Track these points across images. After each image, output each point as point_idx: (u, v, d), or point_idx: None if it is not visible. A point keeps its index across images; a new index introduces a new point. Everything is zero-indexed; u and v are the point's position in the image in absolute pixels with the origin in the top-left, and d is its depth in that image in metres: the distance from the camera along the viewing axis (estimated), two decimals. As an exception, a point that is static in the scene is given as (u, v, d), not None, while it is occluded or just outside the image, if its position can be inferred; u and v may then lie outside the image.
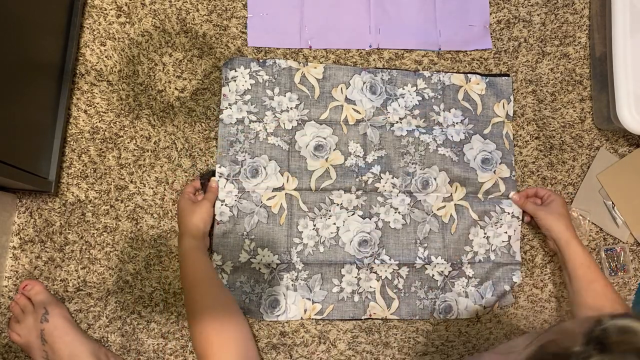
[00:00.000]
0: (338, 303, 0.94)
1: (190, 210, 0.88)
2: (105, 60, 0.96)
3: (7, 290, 0.90)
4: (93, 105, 0.95)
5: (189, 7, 0.99)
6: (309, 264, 0.94)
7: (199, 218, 0.88)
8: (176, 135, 0.96)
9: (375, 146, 0.98)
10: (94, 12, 0.97)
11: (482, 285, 0.97)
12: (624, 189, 1.03)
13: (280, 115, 0.96)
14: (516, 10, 1.07)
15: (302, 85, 0.98)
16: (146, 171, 0.95)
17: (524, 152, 1.03)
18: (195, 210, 0.88)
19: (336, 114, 0.98)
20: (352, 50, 1.02)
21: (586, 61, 1.07)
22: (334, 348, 0.95)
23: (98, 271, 0.92)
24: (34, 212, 0.92)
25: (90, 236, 0.92)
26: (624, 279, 1.02)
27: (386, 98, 1.00)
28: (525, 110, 1.05)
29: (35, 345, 0.85)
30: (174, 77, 0.97)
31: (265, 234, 0.93)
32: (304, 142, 0.96)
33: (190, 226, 0.87)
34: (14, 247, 0.91)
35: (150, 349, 0.91)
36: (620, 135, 1.06)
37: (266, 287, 0.93)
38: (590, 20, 1.08)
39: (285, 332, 0.94)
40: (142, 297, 0.92)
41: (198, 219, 0.88)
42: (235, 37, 1.00)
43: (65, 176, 0.93)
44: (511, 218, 0.99)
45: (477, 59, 1.04)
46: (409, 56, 1.03)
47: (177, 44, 0.98)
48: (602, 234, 1.03)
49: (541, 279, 1.01)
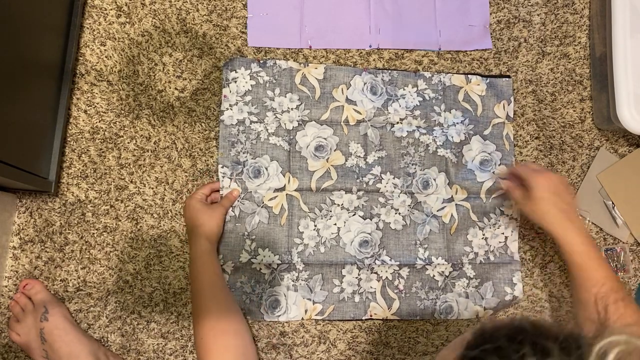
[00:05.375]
0: (339, 303, 0.94)
1: (206, 212, 0.88)
2: (105, 60, 0.96)
3: (7, 290, 0.90)
4: (93, 105, 0.95)
5: (189, 7, 0.99)
6: (310, 265, 0.94)
7: (215, 222, 0.88)
8: (176, 135, 0.96)
9: (376, 147, 0.98)
10: (94, 12, 0.97)
11: (482, 285, 0.97)
12: (624, 189, 1.03)
13: (281, 115, 0.96)
14: (516, 10, 1.07)
15: (302, 86, 0.98)
16: (146, 171, 0.95)
17: (524, 152, 1.04)
18: (212, 214, 0.88)
19: (337, 114, 0.98)
20: (352, 50, 1.02)
21: (586, 61, 1.07)
22: (334, 348, 0.95)
23: (98, 271, 0.92)
24: (34, 212, 0.92)
25: (90, 236, 0.92)
26: (624, 279, 1.02)
27: (387, 99, 1.00)
28: (525, 111, 1.05)
29: (34, 345, 0.85)
30: (174, 77, 0.97)
31: (266, 234, 0.93)
32: (305, 143, 0.96)
33: (206, 228, 0.87)
34: (14, 247, 0.91)
35: (150, 349, 0.91)
36: (620, 135, 1.06)
37: (267, 287, 0.93)
38: (590, 20, 1.08)
39: (285, 332, 0.94)
40: (142, 297, 0.92)
41: (214, 223, 0.88)
42: (235, 37, 0.99)
43: (65, 176, 0.93)
44: (509, 220, 0.99)
45: (477, 59, 1.04)
46: (409, 56, 1.03)
47: (177, 44, 0.98)
48: (602, 234, 1.03)
49: (541, 279, 1.01)
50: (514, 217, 0.99)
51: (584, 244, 0.80)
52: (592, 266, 0.79)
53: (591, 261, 0.79)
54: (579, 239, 0.80)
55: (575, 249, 0.80)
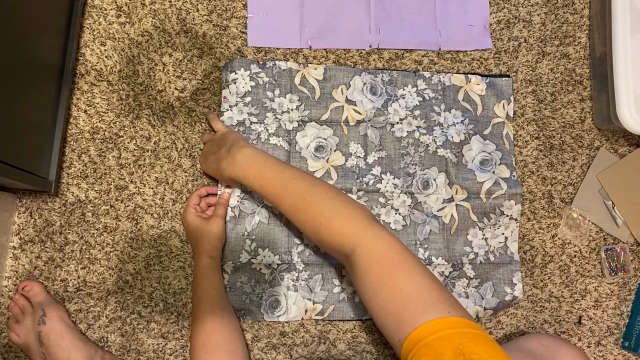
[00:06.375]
0: (339, 303, 0.94)
1: (204, 229, 0.87)
2: (105, 60, 0.96)
3: (7, 290, 0.90)
4: (93, 105, 0.95)
5: (189, 7, 0.99)
6: (310, 265, 0.94)
7: (214, 237, 0.87)
8: (176, 135, 0.96)
9: (376, 147, 0.98)
10: (94, 12, 0.97)
11: (482, 286, 0.97)
12: (624, 189, 1.03)
13: (281, 116, 0.96)
14: (516, 10, 1.07)
15: (302, 87, 0.98)
16: (146, 171, 0.95)
17: (524, 152, 1.04)
18: (210, 230, 0.87)
19: (337, 114, 0.98)
20: (352, 51, 1.02)
21: (586, 61, 1.07)
22: (334, 348, 0.95)
23: (98, 271, 0.92)
24: (34, 212, 0.92)
25: (90, 236, 0.92)
26: (624, 279, 1.02)
27: (387, 99, 1.00)
28: (525, 110, 1.05)
29: (33, 346, 0.85)
30: (174, 77, 0.97)
31: (266, 234, 0.93)
32: (305, 143, 0.96)
33: (207, 247, 0.87)
34: (14, 247, 0.91)
35: (150, 349, 0.91)
36: (620, 135, 1.06)
37: (267, 287, 0.93)
38: (590, 20, 1.08)
39: (285, 332, 0.94)
40: (142, 297, 0.92)
41: (214, 239, 0.87)
42: (235, 37, 0.99)
43: (65, 176, 0.93)
44: (509, 220, 0.99)
45: (477, 59, 1.04)
46: (409, 56, 1.03)
47: (177, 44, 0.98)
48: (602, 234, 1.03)
49: (541, 279, 1.01)
50: (514, 217, 0.99)
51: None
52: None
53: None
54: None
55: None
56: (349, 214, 0.69)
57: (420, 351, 0.52)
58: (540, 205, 1.02)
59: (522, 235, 1.01)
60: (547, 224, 1.02)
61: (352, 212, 0.70)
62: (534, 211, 1.02)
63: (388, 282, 0.61)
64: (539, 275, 1.01)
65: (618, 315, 1.02)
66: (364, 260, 0.64)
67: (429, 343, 0.52)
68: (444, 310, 0.56)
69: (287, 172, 0.76)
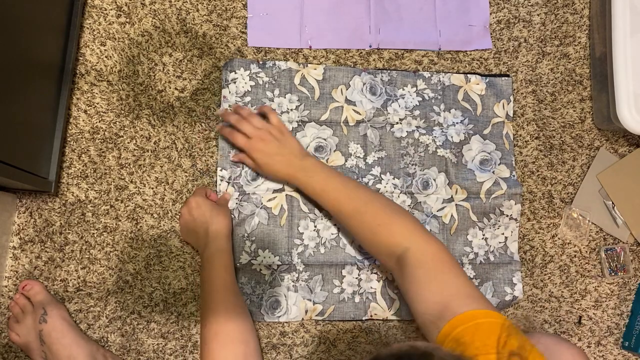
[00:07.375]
0: (339, 304, 0.94)
1: (215, 207, 0.88)
2: (105, 60, 0.96)
3: (7, 290, 0.90)
4: (93, 105, 0.95)
5: (189, 7, 0.99)
6: (310, 265, 0.94)
7: (227, 219, 0.88)
8: (176, 135, 0.96)
9: (376, 147, 0.98)
10: (94, 12, 0.97)
11: (482, 286, 0.97)
12: (624, 189, 1.03)
13: (281, 116, 0.96)
14: (516, 10, 1.07)
15: (302, 87, 0.98)
16: (146, 171, 0.95)
17: (524, 152, 1.04)
18: (220, 211, 0.88)
19: (336, 115, 0.98)
20: (352, 51, 1.02)
21: (586, 61, 1.07)
22: (334, 348, 0.95)
23: (98, 271, 0.92)
24: (34, 212, 0.92)
25: (90, 236, 0.92)
26: (624, 279, 1.02)
27: (386, 99, 1.00)
28: (525, 110, 1.05)
29: (34, 346, 0.85)
30: (174, 77, 0.97)
31: (266, 235, 0.93)
32: (305, 143, 0.96)
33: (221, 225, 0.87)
34: (14, 247, 0.91)
35: (150, 349, 0.92)
36: (620, 135, 1.06)
37: (267, 288, 0.93)
38: (590, 20, 1.08)
39: (285, 332, 0.94)
40: (142, 297, 0.92)
41: (227, 220, 0.88)
42: (235, 37, 0.99)
43: (65, 176, 0.93)
44: (509, 220, 0.99)
45: (477, 59, 1.04)
46: (409, 56, 1.03)
47: (177, 44, 0.98)
48: (602, 234, 1.03)
49: (541, 279, 1.01)
50: (513, 217, 0.99)
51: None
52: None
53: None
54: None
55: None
56: (406, 220, 0.80)
57: (462, 331, 0.62)
58: (540, 205, 1.02)
59: (522, 235, 1.01)
60: (547, 224, 1.02)
61: (408, 218, 0.80)
62: (534, 211, 1.02)
63: (437, 276, 0.72)
64: (539, 275, 1.01)
65: (618, 315, 1.02)
66: (416, 258, 0.74)
67: (469, 327, 0.62)
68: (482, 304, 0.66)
69: (350, 182, 0.87)
